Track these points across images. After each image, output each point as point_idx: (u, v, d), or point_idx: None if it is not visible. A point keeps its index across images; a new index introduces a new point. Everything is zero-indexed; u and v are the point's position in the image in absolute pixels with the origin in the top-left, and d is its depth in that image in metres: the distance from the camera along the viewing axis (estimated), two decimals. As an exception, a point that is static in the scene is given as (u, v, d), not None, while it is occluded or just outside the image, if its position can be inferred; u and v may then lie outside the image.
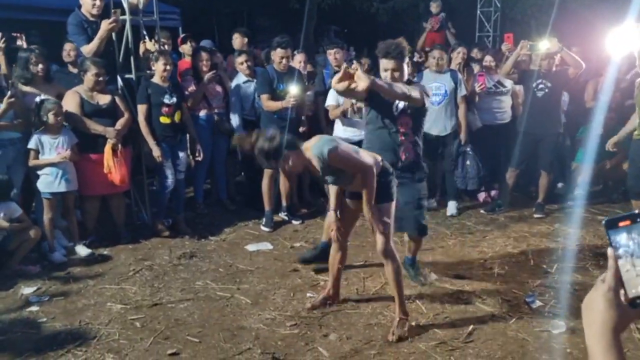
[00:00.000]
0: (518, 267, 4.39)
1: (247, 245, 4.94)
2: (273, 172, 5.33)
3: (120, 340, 3.36)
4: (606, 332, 0.97)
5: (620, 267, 0.98)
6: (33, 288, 4.06)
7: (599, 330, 0.98)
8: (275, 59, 5.26)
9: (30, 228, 4.33)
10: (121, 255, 4.73)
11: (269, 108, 5.25)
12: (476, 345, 3.26)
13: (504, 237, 5.06)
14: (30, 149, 4.48)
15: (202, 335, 3.40)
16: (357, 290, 4.02)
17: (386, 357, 3.16)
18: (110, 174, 4.70)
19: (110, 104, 4.78)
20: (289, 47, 5.25)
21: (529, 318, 3.58)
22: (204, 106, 5.62)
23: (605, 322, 0.98)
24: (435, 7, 10.02)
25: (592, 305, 1.00)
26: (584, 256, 4.62)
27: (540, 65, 5.47)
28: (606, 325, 0.97)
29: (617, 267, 0.99)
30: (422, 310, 3.69)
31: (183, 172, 5.27)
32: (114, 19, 4.76)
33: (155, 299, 3.91)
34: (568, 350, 3.21)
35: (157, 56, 5.00)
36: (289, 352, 3.21)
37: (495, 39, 11.33)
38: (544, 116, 5.39)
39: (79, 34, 4.95)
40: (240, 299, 3.89)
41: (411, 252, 4.13)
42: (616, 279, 0.99)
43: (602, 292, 0.99)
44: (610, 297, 0.98)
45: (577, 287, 4.01)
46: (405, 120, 3.68)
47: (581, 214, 5.79)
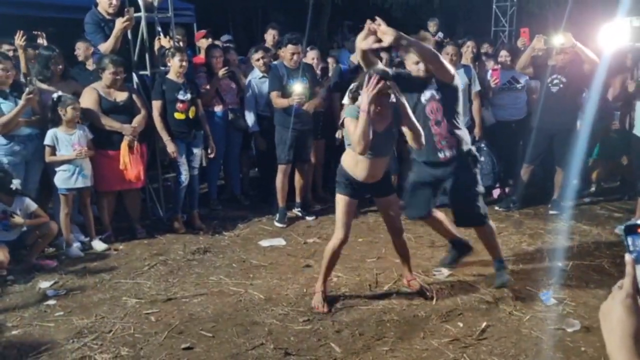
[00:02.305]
0: (533, 264, 4.36)
1: (260, 241, 4.96)
2: (287, 168, 5.35)
3: (135, 334, 3.39)
4: (627, 339, 0.95)
5: (639, 273, 0.96)
6: (50, 282, 4.13)
7: (619, 339, 0.96)
8: (285, 55, 5.27)
9: (47, 223, 4.39)
10: (136, 250, 4.78)
11: (278, 105, 5.28)
12: (489, 343, 3.25)
13: (518, 234, 5.02)
14: (46, 145, 4.54)
15: (216, 330, 3.42)
16: (370, 286, 4.02)
17: (398, 353, 3.16)
18: (126, 170, 4.75)
19: (127, 101, 4.83)
20: (299, 44, 5.25)
21: (543, 316, 3.55)
22: (218, 102, 5.65)
23: (625, 330, 0.96)
24: (433, 26, 9.75)
25: (611, 313, 0.98)
26: (600, 254, 4.57)
27: (556, 60, 5.41)
28: (626, 333, 0.96)
29: (635, 273, 0.97)
30: (435, 307, 3.68)
31: (197, 168, 5.31)
32: (127, 17, 4.80)
33: (169, 293, 3.94)
34: (583, 348, 3.18)
35: (174, 52, 5.03)
36: (301, 348, 3.22)
37: (511, 33, 11.21)
38: (558, 111, 5.33)
39: (95, 33, 5.00)
40: (253, 295, 3.91)
41: (492, 255, 3.90)
42: (634, 285, 0.97)
43: (620, 300, 0.98)
44: (629, 304, 0.96)
45: (592, 286, 3.97)
46: (435, 106, 3.59)
47: (597, 210, 5.74)
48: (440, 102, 3.59)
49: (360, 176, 3.48)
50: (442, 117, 3.61)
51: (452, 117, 3.63)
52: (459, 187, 3.69)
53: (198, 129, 5.21)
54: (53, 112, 4.55)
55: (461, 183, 3.68)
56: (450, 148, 3.64)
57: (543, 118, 5.42)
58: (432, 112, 3.61)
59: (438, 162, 3.69)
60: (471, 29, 13.84)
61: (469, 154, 3.71)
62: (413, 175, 3.98)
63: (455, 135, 3.64)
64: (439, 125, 3.61)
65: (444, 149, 3.65)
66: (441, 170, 3.72)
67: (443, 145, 3.64)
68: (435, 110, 3.60)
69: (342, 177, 3.54)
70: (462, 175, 3.68)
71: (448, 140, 3.62)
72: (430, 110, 3.62)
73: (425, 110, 3.63)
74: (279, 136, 5.33)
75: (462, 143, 3.68)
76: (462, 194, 3.70)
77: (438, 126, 3.62)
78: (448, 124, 3.61)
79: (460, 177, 3.68)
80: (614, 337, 0.96)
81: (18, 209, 4.27)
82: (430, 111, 3.62)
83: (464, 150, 3.68)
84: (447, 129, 3.62)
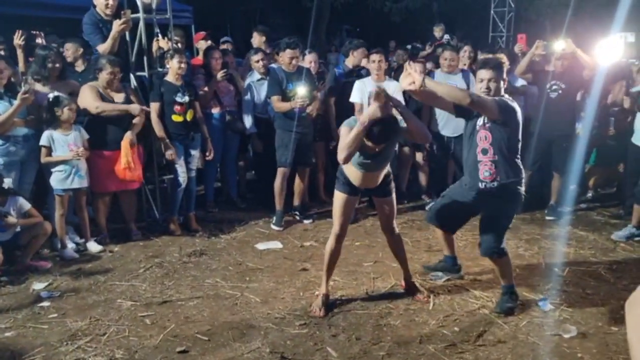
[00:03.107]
0: (529, 270, 4.35)
1: (257, 244, 4.94)
2: (286, 171, 5.34)
3: (130, 337, 3.37)
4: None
5: None
6: (44, 284, 4.10)
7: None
8: (284, 60, 5.26)
9: (41, 223, 4.36)
10: (132, 252, 4.76)
11: (279, 109, 5.27)
12: (486, 349, 3.24)
13: (515, 239, 5.01)
14: (42, 145, 4.51)
15: (211, 334, 3.40)
16: (367, 290, 4.00)
17: (395, 358, 3.14)
18: (129, 169, 4.71)
19: (124, 102, 4.80)
20: (298, 48, 5.25)
21: (540, 321, 3.54)
22: (215, 104, 5.64)
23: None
24: (439, 31, 9.86)
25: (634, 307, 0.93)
26: (596, 260, 4.57)
27: (555, 66, 5.42)
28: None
29: None
30: (432, 312, 3.67)
31: (194, 170, 5.29)
32: (124, 19, 4.79)
33: (165, 296, 3.92)
34: (579, 355, 3.17)
35: (173, 54, 5.02)
36: (297, 352, 3.20)
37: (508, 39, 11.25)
38: (557, 117, 5.34)
39: (94, 33, 4.98)
40: (249, 298, 3.89)
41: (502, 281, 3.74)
42: None
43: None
44: None
45: (589, 292, 3.97)
46: (484, 134, 3.52)
47: (594, 216, 5.74)
48: (489, 131, 3.52)
49: (356, 183, 3.56)
50: (489, 147, 3.53)
51: (500, 148, 3.52)
52: (490, 214, 3.63)
53: (196, 131, 5.19)
54: (49, 112, 4.52)
55: (494, 212, 3.61)
56: (493, 180, 3.54)
57: (542, 123, 5.43)
58: (480, 140, 3.55)
59: (478, 191, 3.62)
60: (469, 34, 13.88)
61: (513, 189, 3.56)
62: (454, 189, 3.93)
63: (500, 168, 3.52)
64: (485, 154, 3.54)
65: (486, 180, 3.55)
66: (479, 196, 3.63)
67: (485, 176, 3.55)
68: (484, 138, 3.53)
69: (342, 176, 3.60)
70: (499, 205, 3.58)
71: (492, 171, 3.53)
72: (479, 137, 3.55)
73: (476, 136, 3.56)
74: (280, 139, 5.31)
75: (508, 177, 3.54)
76: (489, 223, 3.64)
77: (484, 155, 3.54)
78: (495, 154, 3.51)
79: (496, 205, 3.59)
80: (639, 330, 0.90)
81: (12, 209, 4.24)
82: (479, 138, 3.55)
83: (507, 185, 3.54)
84: (492, 160, 3.52)
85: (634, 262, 4.53)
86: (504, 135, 3.49)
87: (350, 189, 3.60)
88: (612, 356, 3.16)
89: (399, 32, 15.36)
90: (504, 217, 3.63)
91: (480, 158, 3.56)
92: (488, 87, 3.51)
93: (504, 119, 3.45)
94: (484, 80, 3.53)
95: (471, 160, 3.62)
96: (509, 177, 3.53)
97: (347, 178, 3.57)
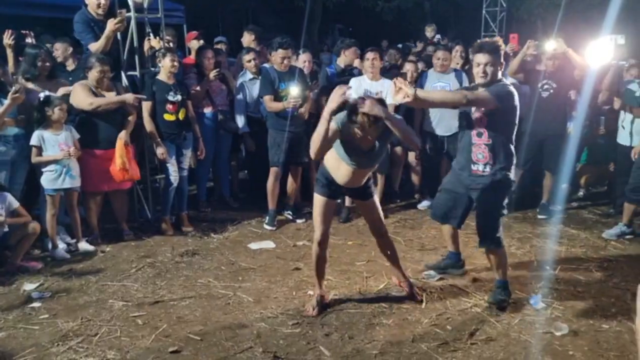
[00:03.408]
0: (521, 268, 4.37)
1: (249, 244, 4.93)
2: (279, 171, 5.33)
3: (121, 337, 3.35)
4: None
5: None
6: (35, 284, 4.07)
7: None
8: (276, 60, 5.26)
9: (29, 222, 4.31)
10: (123, 252, 4.73)
11: (272, 109, 5.26)
12: (479, 347, 3.25)
13: (507, 238, 5.01)
14: (32, 145, 4.48)
15: (204, 333, 3.39)
16: (360, 289, 4.00)
17: (388, 357, 3.14)
18: (125, 170, 4.69)
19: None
20: (290, 48, 5.24)
21: (532, 319, 3.55)
22: (207, 103, 5.63)
23: None
24: (430, 31, 9.93)
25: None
26: (587, 258, 4.60)
27: (546, 66, 5.45)
28: None
29: None
30: (424, 311, 3.67)
31: (186, 169, 5.28)
32: (120, 19, 4.76)
33: (157, 296, 3.90)
34: (571, 352, 3.19)
35: (165, 53, 5.01)
36: (290, 352, 3.20)
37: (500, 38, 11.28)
38: (548, 116, 5.37)
39: (85, 32, 4.95)
40: (242, 297, 3.88)
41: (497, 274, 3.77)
42: None
43: None
44: None
45: (580, 289, 3.99)
46: (479, 116, 3.53)
47: (585, 215, 5.78)
48: (484, 114, 3.52)
49: (340, 180, 3.49)
50: (484, 130, 3.54)
51: (495, 133, 3.53)
52: (482, 205, 3.64)
53: (188, 131, 5.18)
54: (39, 112, 4.49)
55: (485, 202, 3.62)
56: (485, 164, 3.57)
57: (534, 123, 5.46)
58: (476, 122, 3.55)
59: (470, 173, 3.65)
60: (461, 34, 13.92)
61: (502, 177, 3.57)
62: (448, 179, 3.95)
63: (494, 152, 3.55)
64: (480, 136, 3.55)
65: (479, 162, 3.58)
66: (471, 181, 3.65)
67: (478, 159, 3.58)
68: (479, 120, 3.53)
69: (322, 177, 3.54)
70: (489, 194, 3.59)
71: (485, 154, 3.55)
72: (475, 119, 3.55)
73: (472, 116, 3.57)
74: (272, 139, 5.30)
75: (499, 163, 3.56)
76: (482, 213, 3.65)
77: (479, 137, 3.56)
78: (489, 138, 3.53)
79: (486, 195, 3.59)
80: None
81: (0, 207, 4.20)
82: (475, 120, 3.55)
83: (498, 171, 3.56)
84: (487, 144, 3.54)
85: (625, 260, 4.56)
86: (500, 120, 3.50)
87: (330, 191, 3.53)
88: (603, 353, 3.18)
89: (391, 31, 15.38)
90: (496, 205, 3.62)
91: (474, 140, 3.58)
92: (485, 71, 3.50)
93: (502, 107, 3.46)
94: (480, 65, 3.51)
95: (466, 142, 3.62)
96: (501, 162, 3.55)
97: (329, 178, 3.50)
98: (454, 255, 4.23)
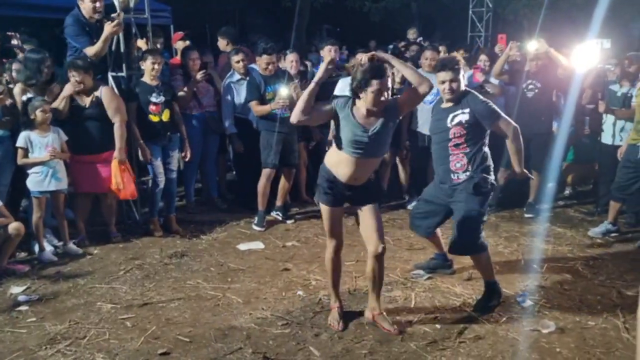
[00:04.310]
0: (509, 267, 4.41)
1: (238, 245, 4.92)
2: (271, 173, 5.32)
3: (110, 339, 3.33)
4: None
5: None
6: (22, 287, 4.03)
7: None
8: (261, 65, 5.26)
9: (12, 224, 4.22)
10: (111, 254, 4.70)
11: (259, 113, 5.27)
12: (467, 345, 3.28)
13: (495, 237, 5.08)
14: (19, 147, 4.43)
15: (193, 335, 3.38)
16: (349, 289, 4.01)
17: (377, 356, 3.16)
18: (118, 190, 4.66)
19: (93, 107, 4.66)
20: (274, 53, 5.24)
21: (519, 317, 3.59)
22: (195, 105, 5.60)
23: None
24: (412, 34, 10.04)
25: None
26: (574, 256, 4.65)
27: (530, 66, 5.51)
28: None
29: None
30: (413, 310, 3.69)
31: (174, 171, 5.25)
32: (117, 22, 4.73)
33: (145, 298, 3.89)
34: (557, 349, 3.23)
35: (146, 55, 4.99)
36: (280, 352, 3.20)
37: (487, 39, 11.38)
38: (534, 116, 5.42)
39: (80, 35, 4.86)
40: (231, 299, 3.88)
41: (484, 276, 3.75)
42: None
43: None
44: None
45: (567, 287, 4.04)
46: (459, 131, 3.60)
47: (571, 213, 5.85)
48: (464, 128, 3.58)
49: (343, 177, 3.24)
50: (462, 141, 3.61)
51: (473, 142, 3.61)
52: (463, 213, 3.63)
53: (173, 132, 5.16)
54: (25, 114, 4.45)
55: (466, 208, 3.61)
56: (465, 171, 3.62)
57: (518, 122, 5.48)
58: (454, 135, 3.62)
59: (451, 184, 3.69)
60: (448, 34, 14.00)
61: (479, 180, 3.61)
62: (429, 190, 3.99)
63: (472, 159, 3.61)
64: (458, 147, 3.62)
65: (458, 171, 3.63)
66: (452, 190, 3.69)
67: (457, 168, 3.63)
68: (458, 134, 3.61)
69: (323, 180, 3.31)
70: (469, 201, 3.61)
71: (463, 163, 3.62)
72: (453, 133, 3.62)
73: (449, 131, 3.63)
74: (264, 140, 5.30)
75: (477, 165, 3.62)
76: (464, 220, 3.63)
77: (457, 148, 3.62)
78: (467, 147, 3.61)
79: (467, 202, 3.61)
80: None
81: None
82: (453, 134, 3.62)
83: (476, 174, 3.61)
84: (465, 152, 3.61)
85: (610, 258, 4.62)
86: (477, 129, 3.59)
87: (334, 198, 3.31)
88: (589, 350, 3.22)
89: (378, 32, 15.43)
90: (476, 213, 3.61)
91: (451, 151, 3.65)
92: (451, 88, 3.62)
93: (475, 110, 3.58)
94: (445, 82, 3.62)
95: (443, 155, 3.69)
96: (478, 165, 3.62)
97: (330, 179, 3.27)
98: (440, 256, 4.26)
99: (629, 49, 7.37)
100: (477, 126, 3.61)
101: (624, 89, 5.37)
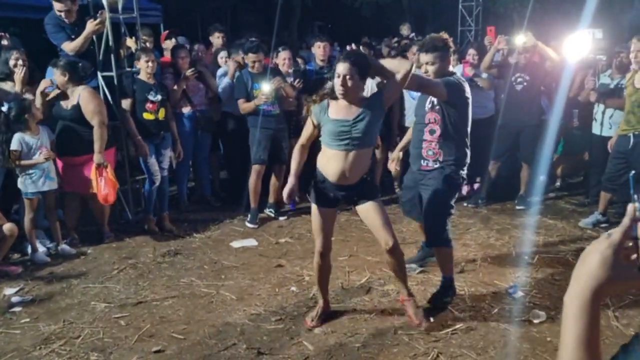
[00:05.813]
0: (500, 258, 4.45)
1: (232, 242, 4.94)
2: (261, 169, 5.33)
3: (104, 338, 3.35)
4: (586, 291, 0.87)
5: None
6: (15, 288, 4.03)
7: (579, 287, 0.87)
8: (248, 63, 5.29)
9: (4, 225, 4.23)
10: (105, 254, 4.71)
11: (244, 110, 5.29)
12: (459, 336, 3.31)
13: (486, 229, 5.11)
14: (14, 150, 4.40)
15: (187, 332, 3.40)
16: (342, 284, 4.04)
17: (370, 349, 3.19)
18: (100, 194, 4.58)
19: (72, 110, 4.60)
20: (260, 51, 5.25)
21: (511, 308, 3.63)
22: (185, 103, 5.60)
23: (588, 280, 0.86)
24: (405, 30, 10.06)
25: (586, 258, 0.88)
26: (564, 247, 4.70)
27: (518, 59, 5.54)
28: (588, 284, 0.87)
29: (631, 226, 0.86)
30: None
31: (167, 169, 5.27)
32: (100, 20, 4.72)
33: (139, 297, 3.90)
34: (548, 339, 3.27)
35: (139, 54, 4.99)
36: (274, 347, 3.23)
37: (477, 33, 11.39)
38: (522, 109, 5.46)
39: (57, 32, 4.89)
40: (225, 295, 3.90)
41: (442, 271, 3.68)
42: (624, 238, 0.86)
43: (601, 248, 0.87)
44: (607, 255, 0.86)
45: (557, 278, 4.08)
46: (434, 116, 3.55)
47: (562, 205, 5.89)
48: (439, 113, 3.53)
49: (333, 176, 3.16)
50: (437, 128, 3.55)
51: (447, 130, 3.51)
52: (429, 202, 3.58)
53: (166, 131, 5.17)
54: (16, 117, 4.43)
55: (432, 199, 3.56)
56: (435, 160, 3.57)
57: (507, 115, 5.55)
58: (429, 121, 3.58)
59: (419, 168, 3.68)
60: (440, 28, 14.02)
61: (450, 172, 3.53)
62: (407, 175, 4.01)
63: (445, 149, 3.54)
64: (432, 134, 3.57)
65: (429, 158, 3.59)
66: (421, 176, 3.67)
67: (428, 155, 3.59)
68: (433, 120, 3.56)
69: (314, 180, 3.29)
70: (437, 190, 3.54)
71: (435, 152, 3.57)
72: (429, 118, 3.58)
73: (425, 116, 3.60)
74: (253, 137, 5.31)
75: (449, 158, 3.54)
76: (430, 209, 3.59)
77: (431, 135, 3.58)
78: (441, 136, 3.53)
79: (435, 191, 3.54)
80: (576, 284, 0.88)
81: None
82: (429, 119, 3.58)
83: (447, 166, 3.54)
84: (438, 141, 3.55)
85: (600, 248, 4.65)
86: (452, 117, 3.50)
87: (325, 199, 3.27)
88: (579, 339, 3.25)
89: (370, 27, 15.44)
90: (442, 203, 3.55)
91: (426, 137, 3.61)
92: (430, 70, 3.53)
93: (453, 100, 3.46)
94: (424, 65, 3.56)
95: (418, 139, 3.66)
96: (451, 158, 3.54)
97: (321, 179, 3.23)
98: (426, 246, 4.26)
99: (620, 39, 7.41)
100: (450, 112, 3.48)
101: (615, 81, 5.39)
